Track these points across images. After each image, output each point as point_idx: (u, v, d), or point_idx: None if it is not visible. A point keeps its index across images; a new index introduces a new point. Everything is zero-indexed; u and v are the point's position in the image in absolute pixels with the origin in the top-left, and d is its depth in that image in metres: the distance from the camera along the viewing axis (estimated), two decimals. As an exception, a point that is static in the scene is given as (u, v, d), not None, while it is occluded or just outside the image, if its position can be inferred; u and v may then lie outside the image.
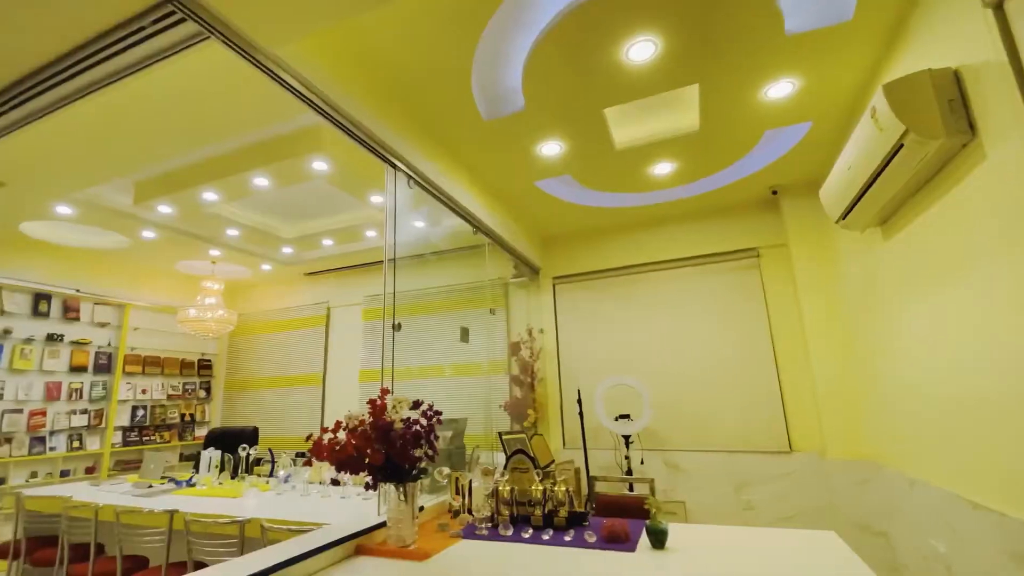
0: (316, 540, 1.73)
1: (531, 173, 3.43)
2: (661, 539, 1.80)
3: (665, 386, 4.11)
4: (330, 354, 5.80)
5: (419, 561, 1.74)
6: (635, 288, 4.41)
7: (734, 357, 3.98)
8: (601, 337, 4.45)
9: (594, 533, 1.93)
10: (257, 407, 6.01)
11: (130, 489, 3.65)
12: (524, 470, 2.27)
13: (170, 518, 2.63)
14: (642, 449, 3.95)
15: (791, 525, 3.62)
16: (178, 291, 5.87)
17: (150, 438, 5.45)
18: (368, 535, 1.92)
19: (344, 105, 2.14)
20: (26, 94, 2.00)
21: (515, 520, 2.15)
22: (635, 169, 3.43)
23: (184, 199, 3.71)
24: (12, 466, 4.43)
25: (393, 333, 2.40)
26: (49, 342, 4.77)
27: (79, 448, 4.86)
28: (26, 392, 4.57)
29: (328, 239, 4.83)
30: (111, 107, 2.48)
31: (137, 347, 5.47)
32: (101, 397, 5.09)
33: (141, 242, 4.56)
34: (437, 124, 2.82)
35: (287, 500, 3.09)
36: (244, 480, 3.74)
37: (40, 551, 3.23)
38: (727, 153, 3.29)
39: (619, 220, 4.43)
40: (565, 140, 3.02)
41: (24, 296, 4.67)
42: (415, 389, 5.12)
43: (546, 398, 4.52)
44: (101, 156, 2.96)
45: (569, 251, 4.70)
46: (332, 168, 3.30)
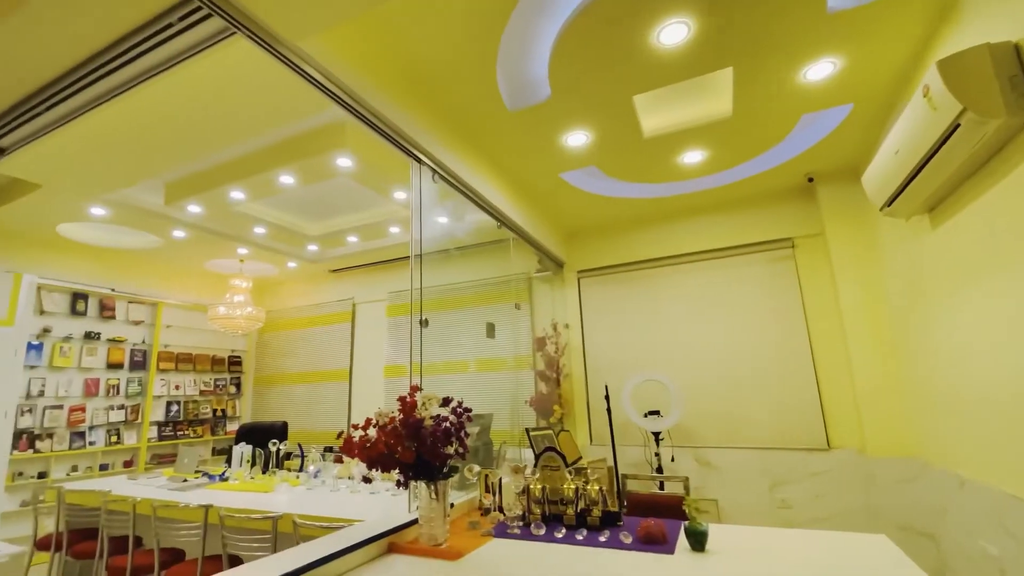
0: (349, 538, 1.72)
1: (556, 164, 3.36)
2: (701, 541, 1.73)
3: (696, 381, 4.01)
4: (356, 350, 5.84)
5: (452, 561, 1.71)
6: (663, 281, 4.31)
7: (768, 351, 3.85)
8: (628, 332, 4.36)
9: (629, 534, 1.87)
10: (286, 402, 6.11)
11: (166, 483, 3.73)
12: (555, 468, 2.22)
13: (205, 513, 2.67)
14: (672, 446, 3.86)
15: (829, 524, 3.49)
16: (208, 289, 5.98)
17: (184, 433, 5.59)
18: (399, 533, 1.90)
19: (368, 98, 2.11)
20: (60, 95, 2.03)
21: (547, 519, 2.11)
22: (664, 158, 3.33)
23: (212, 198, 3.76)
24: (53, 460, 4.59)
25: (420, 329, 2.37)
26: (87, 340, 4.91)
27: (117, 443, 5.01)
28: (66, 389, 4.72)
29: (352, 236, 4.85)
30: (141, 109, 2.51)
31: (170, 344, 5.60)
32: (137, 393, 5.23)
33: (172, 242, 4.64)
34: (461, 116, 2.77)
35: (317, 495, 3.11)
36: (275, 475, 3.80)
37: (80, 544, 3.33)
38: (761, 139, 3.16)
39: (646, 211, 4.32)
40: (592, 129, 2.94)
41: (62, 296, 4.82)
42: (440, 384, 5.11)
43: (572, 394, 4.47)
44: (132, 158, 3.01)
45: (594, 244, 4.62)
46: (356, 164, 3.29)
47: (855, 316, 3.47)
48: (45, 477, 4.51)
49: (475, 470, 2.10)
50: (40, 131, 2.32)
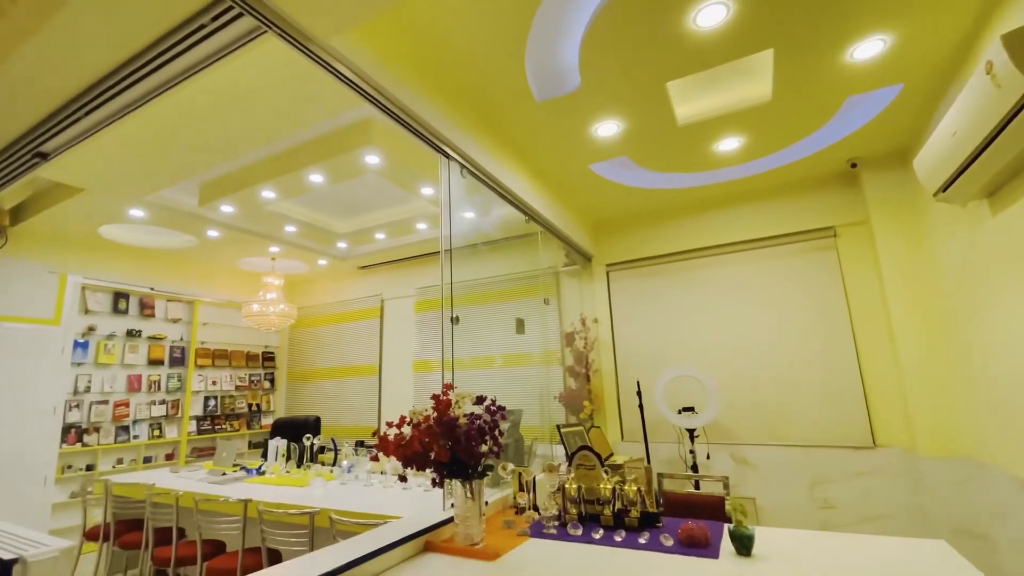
0: (386, 537, 1.71)
1: (585, 156, 3.29)
2: (747, 545, 1.66)
3: (731, 377, 3.89)
4: (385, 345, 5.90)
5: (489, 561, 1.69)
6: (696, 274, 4.19)
7: (809, 345, 3.71)
8: (660, 326, 4.27)
9: (670, 536, 1.82)
10: (317, 397, 6.22)
11: (206, 476, 3.83)
12: (590, 467, 2.18)
13: (244, 507, 2.73)
14: (708, 443, 3.76)
15: (874, 525, 3.35)
16: (241, 287, 6.12)
17: (221, 427, 5.75)
18: (435, 531, 1.89)
19: (397, 94, 2.09)
20: (99, 99, 2.07)
21: (583, 519, 2.07)
22: (698, 146, 3.22)
23: (244, 198, 3.82)
24: (100, 453, 4.77)
25: (452, 326, 2.35)
26: (129, 338, 5.08)
27: (159, 436, 5.18)
28: (110, 385, 4.90)
29: (380, 232, 4.88)
30: (176, 112, 2.55)
31: (207, 341, 5.76)
32: (177, 388, 5.40)
33: (206, 241, 4.75)
34: (489, 109, 2.73)
35: (351, 490, 3.14)
36: (309, 469, 3.86)
37: (127, 534, 3.45)
38: (802, 124, 3.02)
39: (678, 202, 4.20)
40: (623, 118, 2.86)
41: (105, 295, 4.99)
42: (468, 380, 5.10)
43: (602, 389, 4.40)
44: (168, 160, 3.07)
45: (623, 237, 4.53)
46: (383, 161, 3.29)
47: (903, 308, 3.30)
48: (92, 470, 4.69)
49: (509, 468, 2.07)
50: (81, 136, 2.37)
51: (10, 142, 2.33)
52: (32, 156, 2.38)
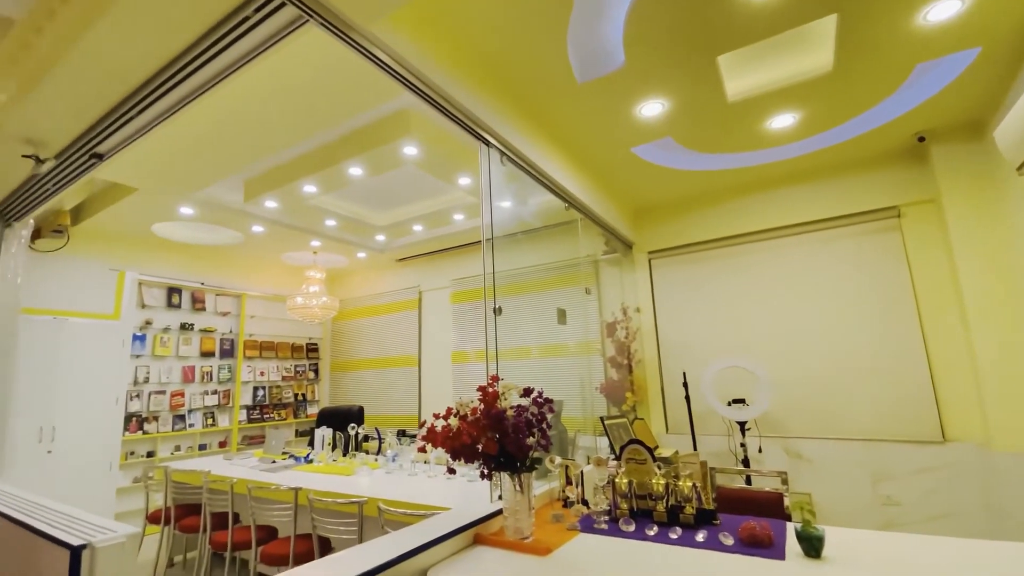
0: (437, 529, 1.70)
1: (627, 138, 3.17)
2: (817, 547, 1.56)
3: (784, 367, 3.71)
4: (423, 336, 5.94)
5: (541, 556, 1.65)
6: (745, 260, 4.01)
7: (869, 333, 3.49)
8: (705, 315, 4.11)
9: (730, 535, 1.73)
10: (359, 387, 6.35)
11: (257, 464, 3.96)
12: (641, 461, 2.10)
13: (295, 496, 2.79)
14: (760, 436, 3.61)
15: (942, 524, 3.14)
16: (285, 281, 6.29)
17: (269, 416, 5.95)
18: (484, 523, 1.87)
19: (436, 80, 2.04)
20: (149, 98, 2.11)
21: (634, 514, 2.00)
22: (749, 124, 3.05)
23: (287, 193, 3.88)
24: (159, 441, 5.02)
25: (495, 317, 2.31)
26: (182, 331, 5.30)
27: (212, 425, 5.40)
28: (167, 376, 5.13)
29: (418, 224, 4.88)
30: (220, 110, 2.59)
31: (254, 333, 5.96)
32: (227, 379, 5.61)
33: (252, 236, 4.88)
34: (528, 94, 2.65)
35: (396, 480, 3.17)
36: (355, 458, 3.93)
37: (186, 518, 3.61)
38: (865, 96, 2.81)
39: (725, 184, 4.01)
40: (669, 97, 2.73)
41: (159, 290, 5.22)
42: (507, 371, 5.08)
43: (645, 380, 4.29)
44: (215, 157, 3.14)
45: (666, 223, 4.37)
46: (421, 152, 3.27)
47: (978, 292, 3.05)
48: (152, 456, 4.94)
49: (557, 461, 2.02)
50: (134, 135, 2.44)
51: (68, 144, 2.42)
52: (89, 157, 2.47)
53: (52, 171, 2.56)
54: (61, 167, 2.53)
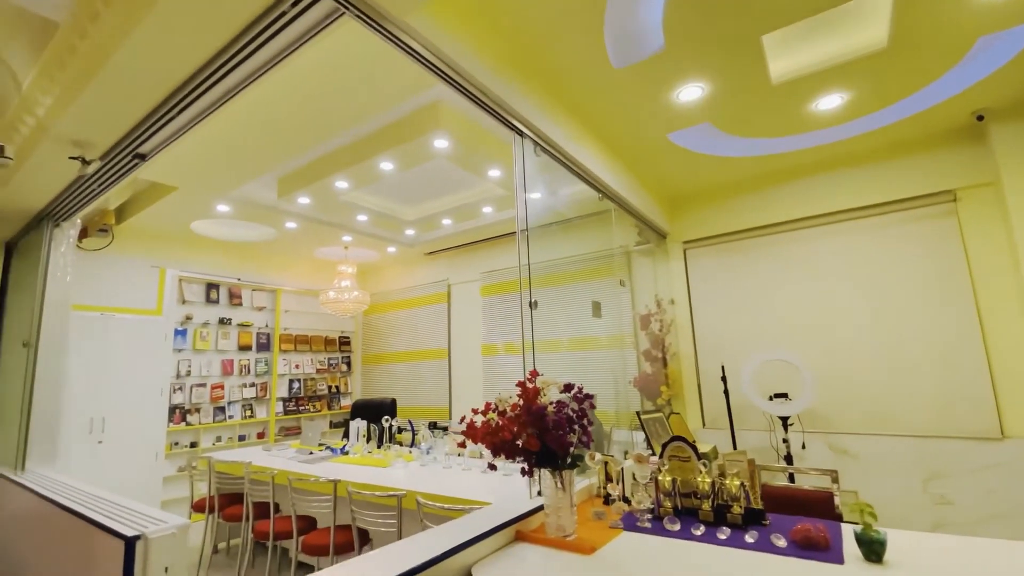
0: (479, 525, 1.68)
1: (663, 125, 3.08)
2: (878, 551, 1.48)
3: (828, 360, 3.57)
4: (453, 329, 5.96)
5: (585, 555, 1.62)
6: (786, 248, 3.86)
7: (921, 324, 3.32)
8: (744, 307, 3.98)
9: (782, 536, 1.66)
10: (390, 379, 6.42)
11: (295, 455, 4.05)
12: (685, 459, 2.04)
13: (334, 488, 2.83)
14: (803, 431, 3.49)
15: (999, 524, 2.98)
16: (317, 276, 6.39)
17: (305, 407, 6.08)
18: (525, 520, 1.85)
19: (471, 70, 2.00)
20: (189, 97, 2.14)
21: (678, 513, 1.95)
22: (793, 107, 2.91)
23: (319, 189, 3.92)
24: (202, 431, 5.18)
25: (531, 311, 2.28)
26: (220, 325, 5.45)
27: (251, 416, 5.55)
28: (207, 369, 5.29)
29: (447, 218, 4.88)
30: (256, 108, 2.61)
31: (289, 327, 6.08)
32: (264, 372, 5.75)
33: (285, 233, 4.96)
34: (562, 81, 2.59)
35: (431, 472, 3.19)
36: (389, 449, 3.97)
37: (229, 507, 3.72)
38: (920, 73, 2.64)
39: (765, 170, 3.86)
40: (709, 80, 2.62)
41: (198, 286, 5.37)
42: (539, 364, 5.05)
43: (680, 374, 4.20)
44: (251, 155, 3.19)
45: (702, 211, 4.24)
46: (452, 145, 3.24)
47: (1044, 281, 2.86)
48: (196, 446, 5.11)
49: (597, 458, 1.99)
50: (174, 135, 2.48)
51: (112, 145, 2.48)
52: (132, 158, 2.53)
53: (97, 172, 2.63)
54: (105, 168, 2.60)
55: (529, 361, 2.20)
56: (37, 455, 3.20)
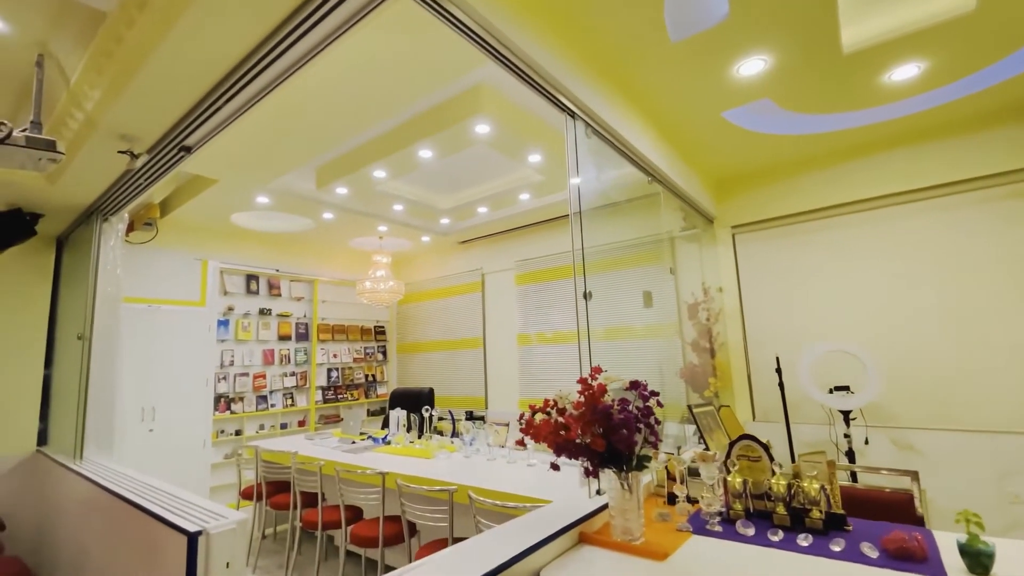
0: (545, 525, 1.61)
1: (719, 102, 2.89)
2: (986, 564, 1.35)
3: (892, 351, 3.36)
4: (487, 318, 5.90)
5: (658, 561, 1.53)
6: (846, 233, 3.63)
7: (1000, 312, 3.07)
8: (799, 294, 3.78)
9: (871, 545, 1.54)
10: (426, 368, 6.43)
11: (338, 444, 4.08)
12: (755, 459, 1.93)
13: (382, 480, 2.82)
14: (866, 426, 3.30)
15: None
16: (353, 266, 6.42)
17: (343, 396, 6.15)
18: (587, 521, 1.77)
19: (523, 47, 1.88)
20: (233, 88, 2.09)
21: (749, 516, 1.84)
22: (863, 79, 2.69)
23: (357, 179, 3.88)
24: (246, 420, 5.29)
25: (586, 303, 2.17)
26: (261, 316, 5.53)
27: (292, 405, 5.64)
28: (249, 359, 5.38)
29: (483, 206, 4.79)
30: (296, 99, 2.57)
31: (326, 317, 6.14)
32: (304, 361, 5.83)
33: (322, 223, 4.97)
34: (615, 58, 2.44)
35: (476, 465, 3.15)
36: (431, 439, 3.96)
37: (276, 496, 3.77)
38: (1011, 36, 2.39)
39: (826, 148, 3.61)
40: (774, 51, 2.43)
41: (239, 277, 5.44)
42: (595, 352, 4.95)
43: (728, 365, 4.04)
44: (290, 146, 3.15)
45: (753, 194, 4.03)
46: (492, 130, 3.13)
47: None
48: (240, 434, 5.22)
49: (661, 457, 1.89)
50: (219, 126, 2.45)
51: (159, 138, 2.47)
52: (179, 151, 2.51)
53: (144, 166, 2.63)
54: (152, 161, 2.60)
55: (585, 355, 2.10)
56: (94, 444, 3.29)
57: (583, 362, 2.08)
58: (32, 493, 3.70)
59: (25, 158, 1.94)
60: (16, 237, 3.37)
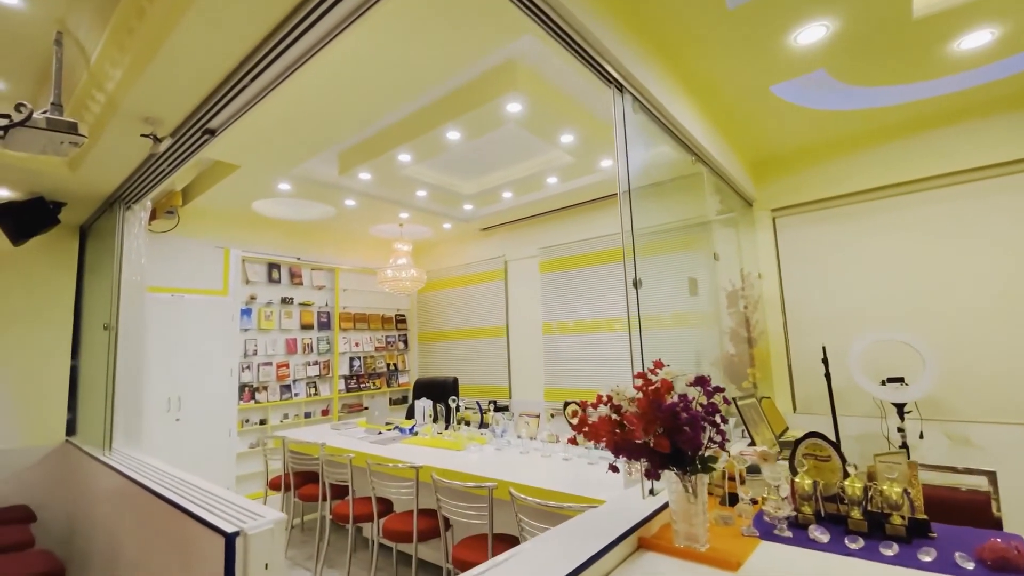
0: (604, 530, 1.50)
1: (770, 74, 2.70)
2: (1112, 584, 1.20)
3: (948, 340, 3.16)
4: (511, 307, 5.79)
5: (730, 571, 1.41)
6: (899, 215, 3.41)
7: (1072, 300, 2.87)
8: (845, 281, 3.59)
9: (967, 556, 1.40)
10: (448, 357, 6.36)
11: (365, 435, 4.02)
12: (824, 458, 1.79)
13: (416, 474, 2.73)
14: (921, 419, 3.13)
15: None
16: (373, 254, 6.33)
17: (365, 385, 6.11)
18: (645, 525, 1.65)
19: (571, 7, 1.72)
20: (257, 68, 1.97)
21: (820, 520, 1.71)
22: (930, 46, 2.48)
23: (381, 164, 3.76)
24: (270, 409, 5.27)
25: (636, 291, 2.04)
26: (283, 304, 5.48)
27: (315, 394, 5.61)
28: (272, 348, 5.34)
29: (507, 191, 4.64)
30: (320, 81, 2.44)
31: (348, 306, 6.07)
32: (326, 350, 5.78)
33: (344, 211, 4.87)
34: (664, 25, 2.27)
35: (509, 458, 3.05)
36: (459, 430, 3.87)
37: (304, 487, 3.73)
38: (1108, -5, 2.17)
39: (879, 124, 3.36)
40: (839, 16, 2.24)
41: (261, 266, 5.38)
42: (618, 342, 4.85)
43: (767, 355, 3.87)
44: (314, 130, 3.03)
45: (795, 175, 3.82)
46: (525, 108, 2.98)
47: None
48: (265, 424, 5.21)
49: (724, 457, 1.76)
50: (243, 108, 2.34)
51: (182, 120, 2.37)
52: (202, 133, 2.41)
53: (168, 150, 2.53)
54: (176, 145, 2.50)
55: (636, 346, 1.97)
56: (123, 435, 3.26)
57: (634, 354, 1.95)
58: (62, 484, 3.70)
59: (46, 142, 1.85)
60: (39, 226, 3.32)
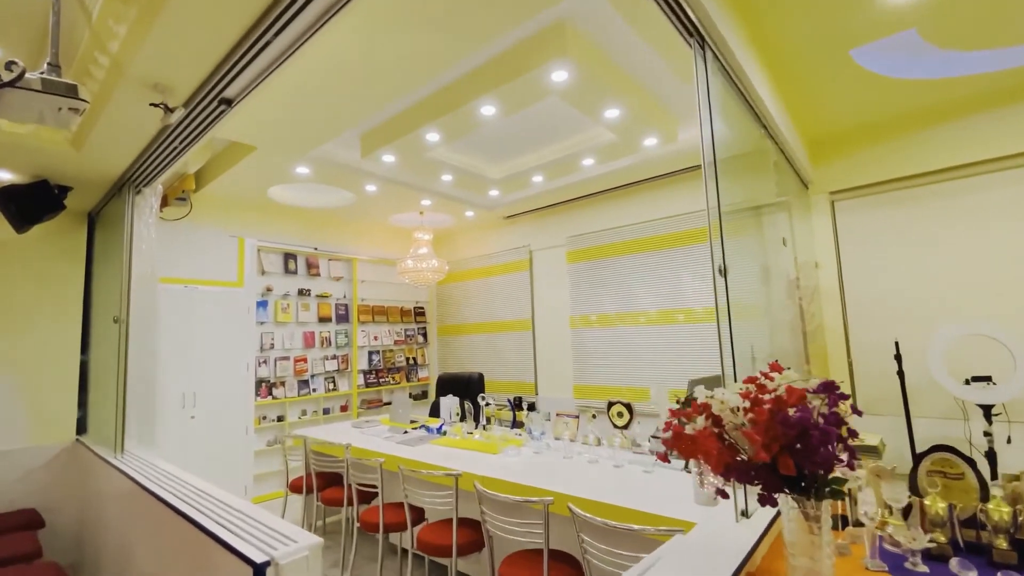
0: (701, 564, 1.24)
1: (853, 35, 2.39)
2: None
3: (1040, 334, 2.86)
4: (536, 299, 5.52)
5: (877, 624, 1.14)
6: (979, 197, 3.09)
7: None
8: (914, 271, 3.28)
9: None
10: (469, 351, 6.11)
11: (390, 434, 3.78)
12: (956, 476, 1.51)
13: (455, 482, 2.49)
14: (1009, 422, 2.83)
15: None
16: (392, 244, 6.08)
17: (385, 380, 5.89)
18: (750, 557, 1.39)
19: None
20: (271, 31, 1.71)
21: (958, 550, 1.43)
22: (1050, -2, 2.15)
23: (406, 144, 3.49)
24: (288, 406, 5.06)
25: (724, 279, 1.76)
26: (300, 296, 5.25)
27: (334, 389, 5.40)
28: (290, 342, 5.13)
29: (538, 175, 4.35)
30: (340, 54, 2.18)
31: (366, 298, 5.84)
32: (345, 344, 5.56)
33: (363, 197, 4.61)
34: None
35: (553, 464, 2.79)
36: (491, 430, 3.63)
37: (327, 490, 3.50)
38: None
39: (963, 94, 2.98)
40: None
41: (276, 256, 5.15)
42: (655, 336, 4.56)
43: (825, 349, 3.58)
44: (333, 107, 2.77)
45: (857, 154, 3.49)
46: (572, 77, 2.69)
47: None
48: (282, 420, 5.00)
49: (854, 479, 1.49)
50: (259, 77, 2.07)
51: (196, 88, 2.11)
52: (219, 103, 2.15)
53: (181, 122, 2.28)
54: (190, 116, 2.24)
55: (727, 344, 1.69)
56: (135, 436, 3.04)
57: (724, 353, 1.67)
58: (72, 487, 3.51)
59: (44, 106, 1.60)
60: (44, 212, 3.09)
